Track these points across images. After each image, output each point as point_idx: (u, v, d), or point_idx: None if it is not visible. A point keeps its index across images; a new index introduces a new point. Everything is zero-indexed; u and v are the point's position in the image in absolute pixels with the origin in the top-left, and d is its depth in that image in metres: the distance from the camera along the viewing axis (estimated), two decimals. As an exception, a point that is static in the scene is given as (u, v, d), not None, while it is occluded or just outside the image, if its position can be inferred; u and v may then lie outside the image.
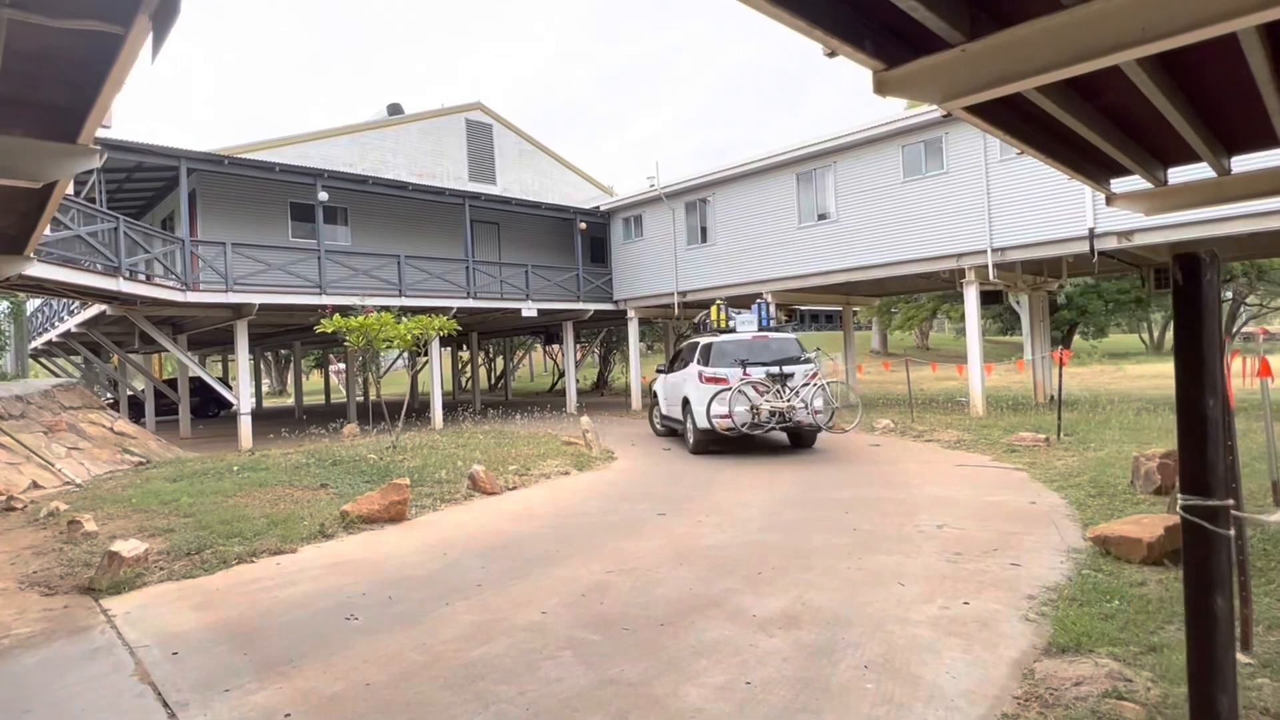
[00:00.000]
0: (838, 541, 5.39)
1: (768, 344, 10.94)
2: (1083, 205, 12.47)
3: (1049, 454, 8.78)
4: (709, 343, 11.20)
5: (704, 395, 10.42)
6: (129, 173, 15.41)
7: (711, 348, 10.99)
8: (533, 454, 10.69)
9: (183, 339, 19.28)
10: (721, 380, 10.35)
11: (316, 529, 6.38)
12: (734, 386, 10.14)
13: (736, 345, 10.90)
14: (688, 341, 13.09)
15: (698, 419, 10.63)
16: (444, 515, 7.13)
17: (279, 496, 8.13)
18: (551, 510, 7.16)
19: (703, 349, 11.17)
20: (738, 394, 10.08)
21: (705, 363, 10.82)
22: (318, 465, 10.21)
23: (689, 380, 11.07)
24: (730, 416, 10.03)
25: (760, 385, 10.20)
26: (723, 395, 10.14)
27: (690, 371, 11.10)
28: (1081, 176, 6.49)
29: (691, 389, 10.92)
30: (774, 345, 10.96)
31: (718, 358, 10.75)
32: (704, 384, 10.54)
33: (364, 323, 10.82)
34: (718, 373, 10.46)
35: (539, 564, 5.18)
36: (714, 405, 10.16)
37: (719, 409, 10.13)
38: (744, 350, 10.74)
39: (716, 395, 10.20)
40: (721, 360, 10.66)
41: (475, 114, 21.04)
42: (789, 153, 16.60)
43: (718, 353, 10.83)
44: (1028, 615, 3.77)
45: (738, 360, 10.52)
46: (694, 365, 11.05)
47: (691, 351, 11.68)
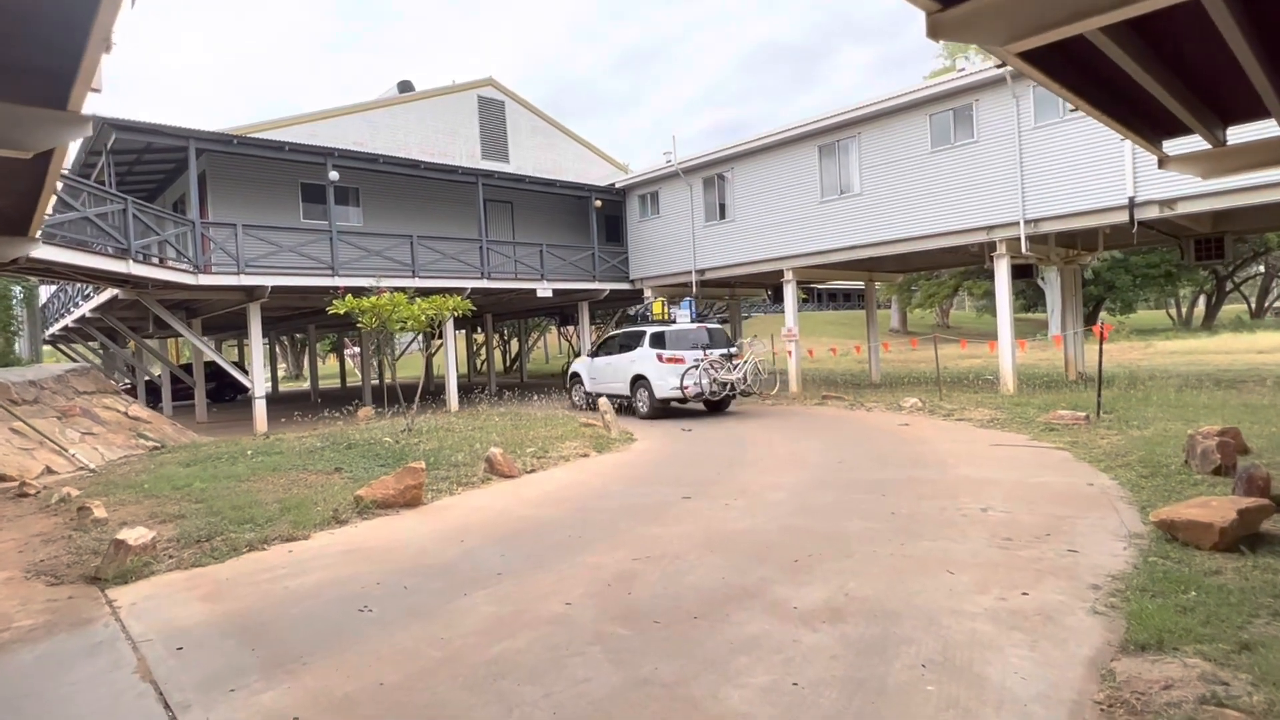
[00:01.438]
0: (876, 526, 5.08)
1: (710, 332, 13.64)
2: (1122, 173, 11.92)
3: (1091, 433, 8.39)
4: (661, 331, 13.46)
5: (664, 372, 12.93)
6: (138, 154, 15.21)
7: (665, 335, 13.32)
8: (550, 436, 10.44)
9: (197, 323, 19.19)
10: (679, 360, 12.88)
11: (330, 515, 6.17)
12: (699, 364, 12.77)
13: (686, 333, 13.39)
14: (622, 330, 15.58)
15: (656, 391, 13.06)
16: (461, 499, 6.90)
17: (292, 481, 7.95)
18: (572, 494, 6.90)
19: (655, 336, 13.44)
20: (697, 370, 12.71)
21: (662, 346, 13.15)
22: (332, 449, 10.03)
23: (643, 360, 13.45)
24: (690, 388, 12.66)
25: (715, 363, 12.90)
26: (689, 371, 12.70)
27: (643, 354, 13.48)
28: (1135, 136, 6.06)
29: (649, 368, 13.26)
30: (713, 334, 13.64)
31: (672, 343, 13.16)
32: (664, 364, 12.98)
33: (377, 304, 10.58)
34: (676, 354, 12.95)
35: (561, 551, 4.92)
36: (676, 379, 12.72)
37: (684, 381, 12.67)
38: (693, 337, 13.29)
39: (684, 371, 12.72)
40: (676, 345, 13.11)
41: (487, 90, 20.62)
42: (811, 124, 16.08)
43: (672, 339, 13.24)
44: (1095, 608, 3.44)
45: (693, 344, 13.12)
46: (646, 349, 13.40)
47: (633, 338, 14.07)
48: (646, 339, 13.59)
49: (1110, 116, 5.42)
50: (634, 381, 13.75)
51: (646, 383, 13.37)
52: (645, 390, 13.44)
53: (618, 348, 14.71)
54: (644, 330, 13.91)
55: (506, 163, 20.75)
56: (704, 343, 13.21)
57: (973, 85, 13.55)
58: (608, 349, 15.24)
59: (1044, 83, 4.46)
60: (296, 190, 16.77)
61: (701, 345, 13.14)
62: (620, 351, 14.47)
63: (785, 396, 15.43)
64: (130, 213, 11.47)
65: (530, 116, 21.71)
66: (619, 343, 14.84)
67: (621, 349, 14.47)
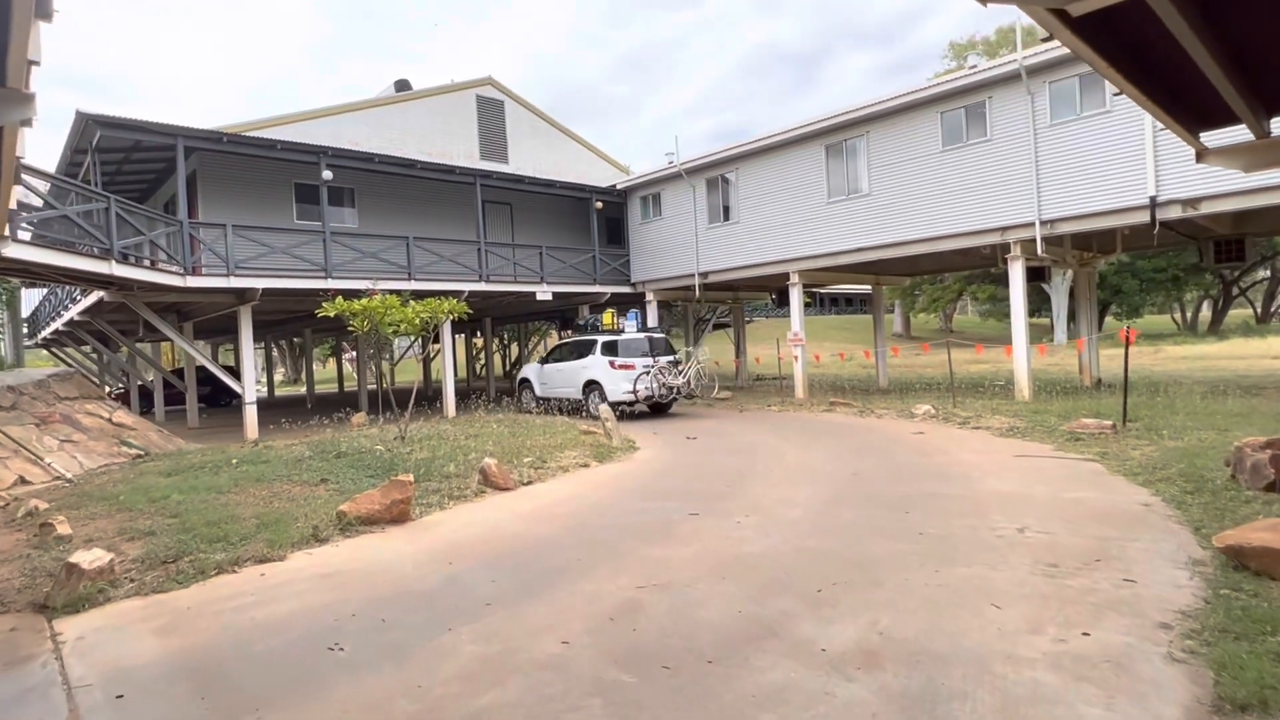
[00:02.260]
0: (905, 549, 4.62)
1: (656, 341, 14.72)
2: (1143, 171, 11.49)
3: (1120, 443, 7.93)
4: (613, 340, 14.45)
5: (617, 377, 14.00)
6: (126, 153, 14.80)
7: (618, 344, 14.30)
8: (549, 444, 10.00)
9: (189, 327, 18.79)
10: (630, 366, 13.96)
11: (309, 532, 5.72)
12: (649, 370, 13.92)
13: (635, 342, 14.38)
14: (572, 339, 16.62)
15: (609, 395, 13.94)
16: (452, 515, 6.45)
17: (275, 493, 7.50)
18: (571, 509, 6.45)
19: (607, 345, 14.46)
20: (647, 375, 13.88)
21: (615, 354, 14.17)
22: (320, 458, 9.58)
23: (595, 367, 14.46)
24: (641, 391, 13.79)
25: (663, 369, 14.10)
26: (640, 376, 13.85)
27: (595, 360, 14.49)
28: (1176, 125, 5.62)
29: (602, 373, 14.27)
30: (659, 342, 14.76)
31: (624, 351, 14.19)
32: (616, 370, 14.03)
33: (368, 306, 10.14)
34: (627, 361, 14.02)
35: (558, 577, 4.46)
36: (629, 383, 13.82)
37: (635, 385, 13.80)
38: (640, 345, 14.29)
39: (635, 376, 13.85)
40: (627, 353, 14.16)
41: (486, 90, 20.23)
42: (817, 123, 15.66)
43: (623, 347, 14.24)
44: (1172, 653, 2.99)
45: (641, 352, 14.18)
46: (599, 356, 14.43)
47: (585, 346, 15.13)
48: (599, 347, 14.61)
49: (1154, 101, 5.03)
50: (586, 386, 14.75)
51: (599, 387, 14.37)
52: (598, 394, 14.38)
53: (568, 355, 15.73)
54: (596, 339, 14.94)
55: (506, 163, 20.34)
56: (649, 350, 14.38)
57: (986, 82, 13.14)
58: (558, 356, 16.18)
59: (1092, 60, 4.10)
60: (290, 191, 16.37)
61: (647, 353, 14.29)
62: (571, 359, 15.43)
63: (792, 401, 15.01)
64: (113, 211, 11.04)
65: (530, 117, 21.32)
66: (569, 351, 15.85)
67: (573, 356, 15.44)
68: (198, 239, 13.44)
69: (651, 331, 15.38)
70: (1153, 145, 11.37)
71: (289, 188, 16.32)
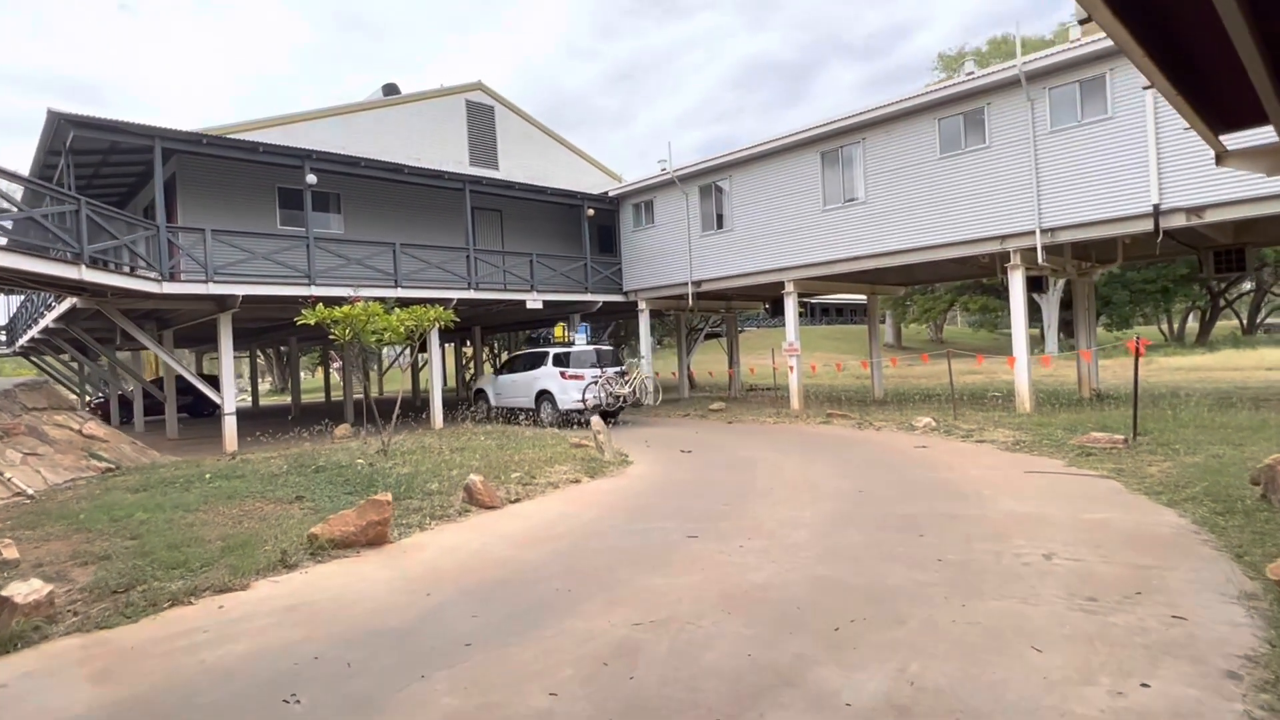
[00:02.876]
0: (925, 578, 4.25)
1: (604, 353, 15.61)
2: (1146, 179, 11.26)
3: (1134, 458, 7.61)
4: (564, 352, 15.27)
5: (567, 387, 14.63)
6: (103, 155, 14.33)
7: (568, 356, 15.11)
8: (538, 459, 9.58)
9: (169, 335, 18.30)
10: (580, 377, 14.66)
11: (277, 557, 5.28)
12: (597, 380, 14.60)
13: (584, 354, 15.21)
14: (525, 351, 17.55)
15: (560, 404, 14.66)
16: (433, 537, 6.02)
17: (245, 512, 7.05)
18: (560, 530, 6.04)
19: (558, 356, 15.23)
20: (595, 385, 14.53)
21: (566, 365, 14.90)
22: (298, 472, 9.14)
23: (547, 377, 15.14)
24: (589, 400, 14.37)
25: (611, 379, 14.78)
26: (589, 386, 14.50)
27: (547, 371, 15.20)
28: (1200, 122, 5.34)
29: (553, 384, 14.91)
30: (607, 354, 15.67)
31: (575, 362, 14.94)
32: (566, 380, 14.69)
33: (349, 314, 9.71)
34: (577, 371, 14.77)
35: (546, 611, 4.05)
36: (578, 393, 14.45)
37: (585, 395, 14.42)
38: (589, 357, 15.16)
39: (585, 386, 14.49)
40: (576, 364, 14.90)
41: (476, 95, 19.88)
42: (812, 130, 15.40)
43: (574, 359, 15.02)
44: (1250, 712, 2.62)
45: (590, 364, 14.98)
46: (550, 368, 15.14)
47: (537, 358, 15.86)
48: (550, 359, 15.37)
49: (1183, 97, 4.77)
50: (539, 396, 15.43)
51: (551, 397, 15.02)
52: (549, 403, 15.06)
53: (522, 366, 16.38)
54: (548, 351, 15.74)
55: (496, 170, 19.97)
56: (597, 362, 15.17)
57: (984, 88, 12.91)
58: (512, 368, 16.89)
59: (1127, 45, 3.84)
60: (273, 195, 15.93)
61: (595, 364, 15.07)
62: (525, 370, 16.12)
63: (788, 413, 14.66)
64: (83, 214, 10.58)
65: (520, 122, 20.98)
66: (523, 362, 16.50)
67: (526, 368, 16.13)
68: (175, 244, 12.98)
69: (600, 344, 16.23)
70: (1155, 152, 11.15)
71: (272, 192, 15.88)
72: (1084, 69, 11.84)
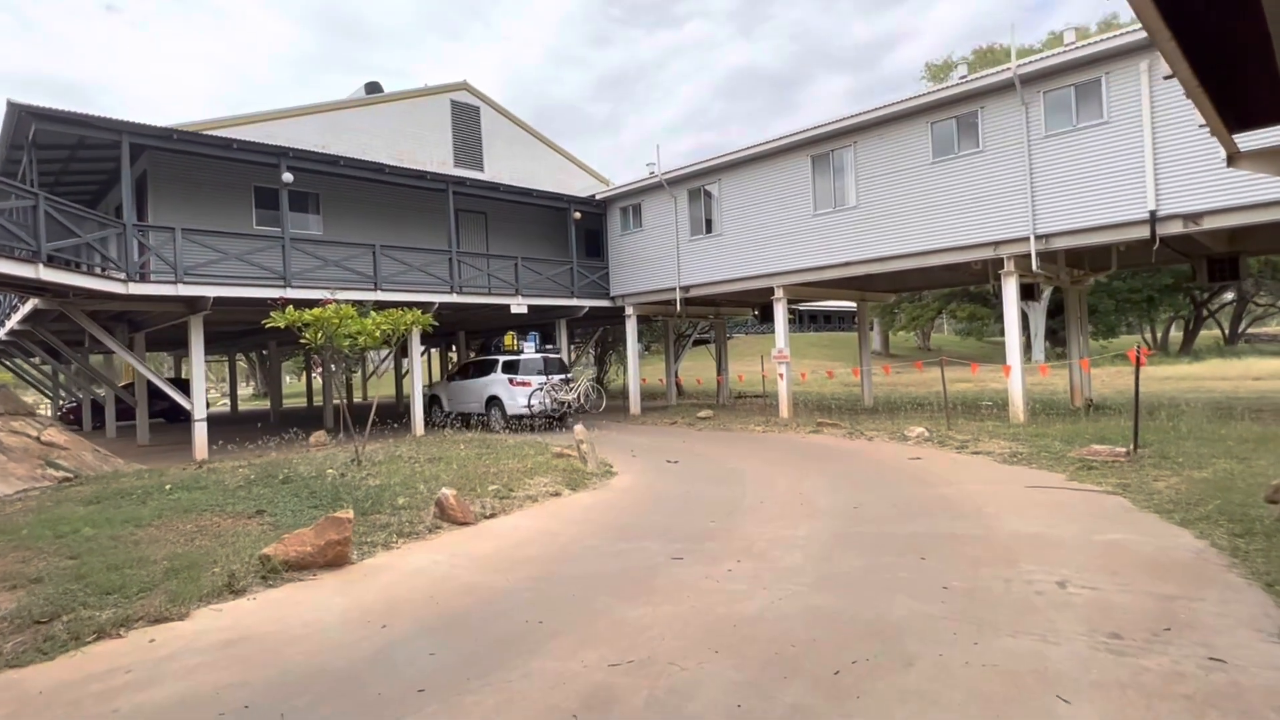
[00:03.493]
0: (931, 610, 3.87)
1: (551, 361, 16.25)
2: (1142, 185, 11.03)
3: (1139, 473, 7.29)
4: (513, 360, 15.90)
5: (515, 393, 15.37)
6: (71, 151, 13.80)
7: (518, 363, 15.79)
8: (518, 469, 9.16)
9: (140, 337, 17.72)
10: (527, 383, 15.40)
11: (224, 582, 4.83)
12: (543, 387, 15.35)
13: (532, 361, 15.89)
14: (477, 358, 17.82)
15: (508, 409, 15.40)
16: (399, 558, 5.59)
17: (201, 528, 6.59)
18: (535, 551, 5.62)
19: (507, 364, 15.91)
20: (541, 392, 15.29)
21: (515, 372, 15.62)
22: (264, 483, 8.67)
23: (496, 384, 15.85)
24: (535, 406, 15.19)
25: (556, 386, 15.50)
26: (535, 393, 15.27)
27: (496, 378, 15.89)
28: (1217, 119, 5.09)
29: (502, 390, 15.66)
30: (554, 362, 16.36)
31: (523, 369, 15.67)
32: (514, 386, 15.43)
33: (320, 316, 9.26)
34: (525, 378, 15.47)
35: (512, 648, 3.64)
36: (525, 399, 15.23)
37: (531, 401, 15.19)
38: (537, 365, 15.82)
39: (531, 392, 15.26)
40: (525, 371, 15.64)
41: (461, 95, 19.47)
42: (803, 133, 15.12)
43: (523, 366, 15.73)
44: (1319, 782, 2.26)
45: (538, 371, 15.71)
46: (500, 374, 15.85)
47: (488, 365, 16.47)
48: (500, 366, 16.01)
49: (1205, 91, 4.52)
50: (489, 401, 16.08)
51: (500, 402, 15.74)
52: (499, 409, 15.76)
53: (473, 373, 16.97)
54: (498, 359, 16.25)
55: (481, 171, 19.55)
56: (544, 369, 15.85)
57: (978, 91, 12.68)
58: (464, 374, 17.47)
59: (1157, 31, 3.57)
60: (249, 195, 15.43)
61: (542, 371, 15.75)
62: (476, 376, 16.72)
63: (777, 421, 14.29)
64: (41, 210, 10.08)
65: (507, 124, 20.58)
66: (475, 369, 17.09)
67: (477, 374, 16.73)
68: (144, 244, 12.47)
69: (548, 352, 16.78)
70: (1152, 158, 10.93)
71: (248, 192, 15.39)
72: (1079, 72, 11.62)
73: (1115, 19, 35.94)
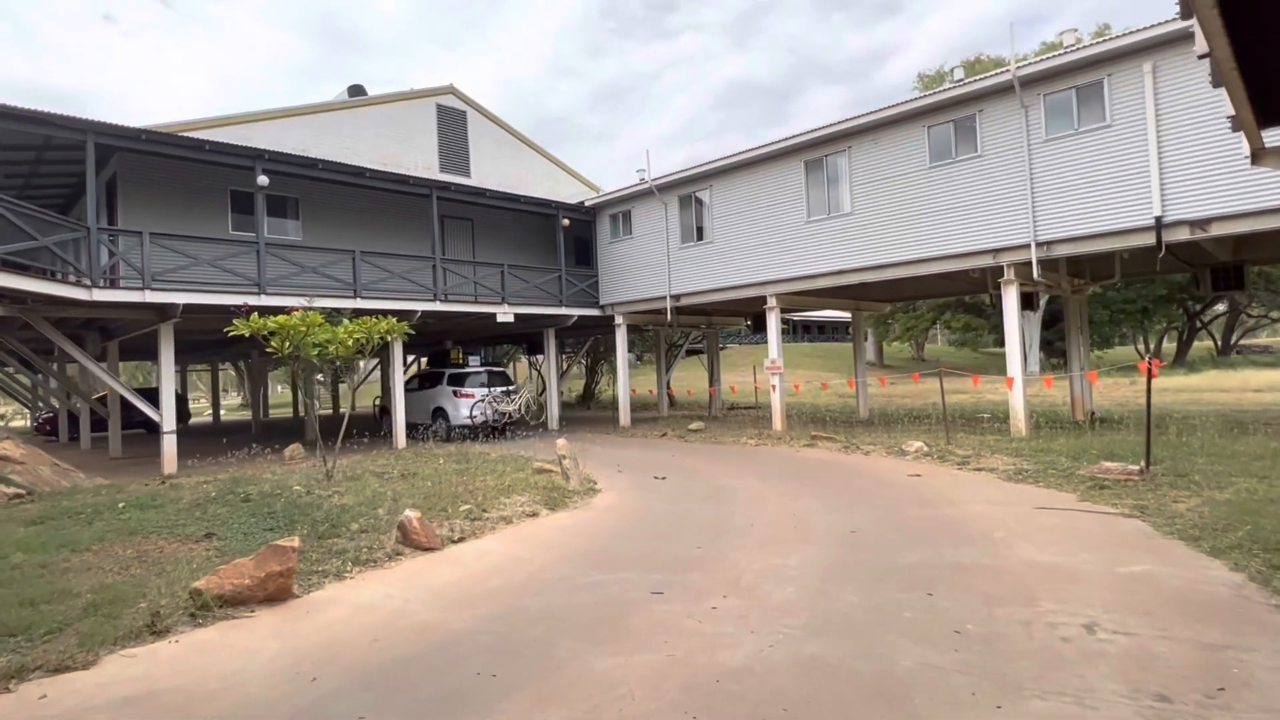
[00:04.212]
0: (942, 661, 3.37)
1: (494, 375, 17.42)
2: (1147, 190, 10.64)
3: (1156, 493, 6.82)
4: (457, 373, 16.90)
5: (459, 405, 16.18)
6: (38, 153, 13.26)
7: (463, 376, 16.77)
8: (496, 486, 8.62)
9: (113, 346, 17.11)
10: (471, 395, 16.28)
11: (146, 621, 4.29)
12: (484, 399, 16.22)
13: (477, 375, 16.96)
14: (424, 372, 19.27)
15: (452, 420, 16.25)
16: (349, 590, 5.05)
17: (141, 554, 6.04)
18: (501, 583, 5.10)
19: (452, 376, 16.89)
20: (482, 404, 16.16)
21: (460, 385, 16.54)
22: (223, 502, 8.13)
23: (442, 396, 16.79)
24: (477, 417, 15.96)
25: (497, 398, 16.34)
26: (476, 404, 16.11)
27: (442, 390, 16.85)
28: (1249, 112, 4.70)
29: (447, 401, 16.56)
30: (497, 376, 17.46)
31: (468, 382, 16.58)
32: (458, 398, 16.26)
33: (285, 324, 8.73)
34: (471, 391, 16.38)
35: (458, 707, 3.12)
36: (470, 410, 16.07)
37: (472, 412, 16.04)
38: (481, 378, 16.84)
39: (473, 404, 16.11)
40: (469, 384, 16.59)
41: (448, 99, 19.03)
42: (796, 138, 14.72)
43: (467, 380, 16.66)
44: None
45: (481, 384, 16.69)
46: (445, 387, 16.82)
47: (435, 378, 17.48)
48: (446, 379, 16.97)
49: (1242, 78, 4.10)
50: (435, 412, 16.90)
51: (444, 413, 16.61)
52: (444, 420, 16.60)
53: (421, 385, 17.89)
54: (444, 372, 17.25)
55: (467, 177, 19.09)
56: (487, 382, 16.80)
57: (976, 94, 12.31)
58: (413, 386, 18.13)
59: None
60: (225, 199, 14.91)
61: (485, 384, 16.68)
62: (424, 389, 17.60)
63: (770, 434, 13.79)
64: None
65: (494, 129, 20.15)
66: (423, 381, 18.07)
67: (425, 386, 17.64)
68: (110, 248, 11.93)
69: (491, 366, 17.95)
70: (1158, 162, 10.55)
71: (224, 196, 14.86)
72: (1080, 74, 11.26)
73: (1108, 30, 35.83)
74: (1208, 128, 10.10)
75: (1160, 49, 10.53)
